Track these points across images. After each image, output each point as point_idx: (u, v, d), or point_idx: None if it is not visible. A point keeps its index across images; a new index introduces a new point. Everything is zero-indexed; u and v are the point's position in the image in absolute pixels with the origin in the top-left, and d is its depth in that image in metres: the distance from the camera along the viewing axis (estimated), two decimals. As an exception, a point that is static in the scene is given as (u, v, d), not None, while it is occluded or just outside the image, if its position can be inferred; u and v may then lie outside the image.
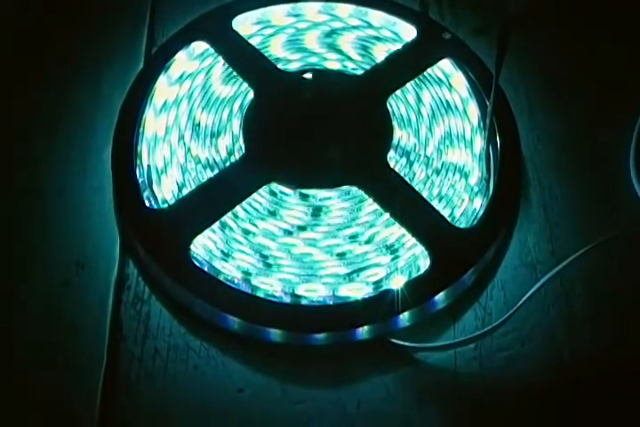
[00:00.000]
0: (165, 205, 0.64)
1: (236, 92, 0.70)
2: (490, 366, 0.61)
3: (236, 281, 0.62)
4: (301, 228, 0.64)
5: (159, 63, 0.70)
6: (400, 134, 0.67)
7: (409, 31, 0.72)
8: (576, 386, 0.61)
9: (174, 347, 0.61)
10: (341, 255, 0.63)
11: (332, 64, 0.72)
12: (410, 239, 0.63)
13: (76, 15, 0.75)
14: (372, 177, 0.65)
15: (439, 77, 0.71)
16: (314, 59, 0.72)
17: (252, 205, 0.64)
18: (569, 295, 0.63)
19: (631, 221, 0.65)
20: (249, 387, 0.60)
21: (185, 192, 0.65)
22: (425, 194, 0.65)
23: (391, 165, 0.65)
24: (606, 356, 0.61)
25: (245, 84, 0.69)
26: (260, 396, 0.60)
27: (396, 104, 0.69)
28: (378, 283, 0.62)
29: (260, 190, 0.64)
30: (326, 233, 0.64)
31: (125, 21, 0.75)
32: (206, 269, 0.62)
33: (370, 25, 0.74)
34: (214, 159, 0.67)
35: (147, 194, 0.65)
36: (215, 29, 0.72)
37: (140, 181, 0.65)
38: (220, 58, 0.70)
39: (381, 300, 0.61)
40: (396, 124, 0.68)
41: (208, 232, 0.63)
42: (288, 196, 0.65)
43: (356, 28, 0.73)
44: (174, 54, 0.71)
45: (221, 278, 0.62)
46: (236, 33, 0.71)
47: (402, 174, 0.65)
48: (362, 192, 0.64)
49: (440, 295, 0.61)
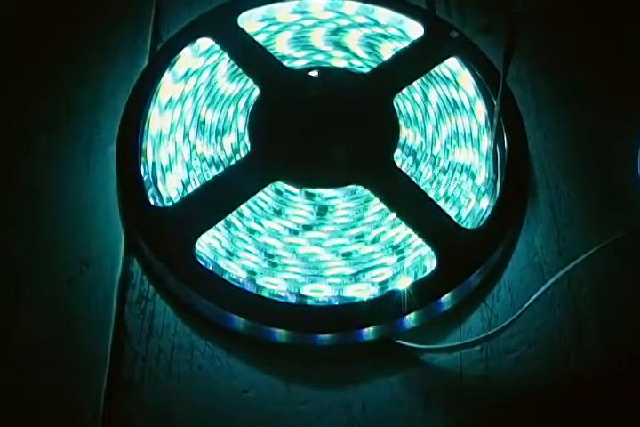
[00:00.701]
0: (170, 204, 0.64)
1: (242, 90, 0.69)
2: (496, 367, 0.61)
3: (241, 280, 0.61)
4: (307, 227, 0.64)
5: (164, 60, 0.70)
6: (406, 133, 0.67)
7: (416, 29, 0.72)
8: (582, 388, 0.60)
9: (178, 346, 0.61)
10: (347, 255, 0.63)
11: (339, 62, 0.71)
12: (416, 240, 0.63)
13: (81, 11, 0.74)
14: (379, 176, 0.65)
15: (446, 76, 0.70)
16: (320, 56, 0.71)
17: (257, 204, 0.64)
18: (576, 297, 0.63)
19: (639, 222, 0.65)
20: (254, 387, 0.60)
21: (190, 190, 0.64)
22: (431, 194, 0.64)
23: (397, 165, 0.65)
24: (613, 358, 0.61)
25: (251, 82, 0.69)
26: (265, 396, 0.60)
27: (402, 103, 0.69)
28: (384, 283, 0.62)
29: (266, 189, 0.64)
30: (332, 233, 0.63)
31: (130, 18, 0.74)
32: (211, 268, 0.61)
33: (376, 23, 0.73)
34: (219, 157, 0.66)
35: (151, 192, 0.64)
36: (220, 26, 0.71)
37: (145, 178, 0.65)
38: (226, 55, 0.70)
39: (387, 301, 0.60)
40: (402, 123, 0.67)
41: (213, 231, 0.63)
42: (294, 195, 0.64)
43: (362, 25, 0.73)
44: (179, 51, 0.70)
45: (226, 278, 0.61)
46: (242, 30, 0.71)
47: (408, 174, 0.65)
48: (368, 192, 0.64)
49: (446, 296, 0.61)
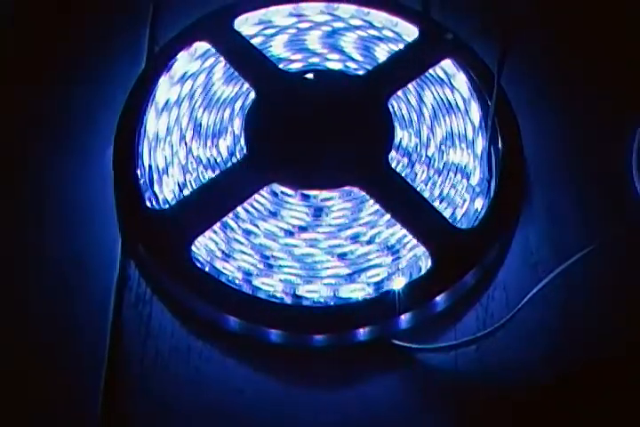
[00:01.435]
0: (167, 206, 0.64)
1: (238, 93, 0.69)
2: (491, 367, 0.61)
3: (238, 282, 0.62)
4: (303, 228, 0.64)
5: (161, 63, 0.70)
6: (401, 135, 0.67)
7: (411, 31, 0.72)
8: (578, 388, 0.60)
9: (175, 348, 0.62)
10: (343, 256, 0.63)
11: (334, 64, 0.71)
12: (411, 240, 0.63)
13: (78, 15, 0.75)
14: (374, 178, 0.65)
15: (441, 77, 0.70)
16: (315, 59, 0.72)
17: (253, 206, 0.64)
18: (571, 296, 0.63)
19: (633, 222, 0.65)
20: (250, 388, 0.60)
21: (186, 193, 0.65)
22: (426, 194, 0.64)
23: (392, 166, 0.65)
24: (609, 357, 0.61)
25: (247, 85, 0.69)
26: (262, 397, 0.60)
27: (397, 104, 0.69)
28: (379, 284, 0.62)
29: (262, 191, 0.64)
30: (328, 234, 0.64)
31: (127, 21, 0.75)
32: (207, 270, 0.62)
33: (372, 25, 0.73)
34: (215, 160, 0.67)
35: (148, 194, 0.65)
36: (217, 29, 0.72)
37: (142, 181, 0.65)
38: (222, 58, 0.70)
39: (383, 301, 0.61)
40: (397, 125, 0.67)
41: (209, 233, 0.63)
42: (289, 196, 0.65)
43: (357, 28, 0.73)
44: (176, 54, 0.71)
45: (223, 279, 0.61)
46: (238, 33, 0.71)
47: (403, 175, 0.65)
48: (363, 193, 0.64)
49: (441, 296, 0.61)
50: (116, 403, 0.60)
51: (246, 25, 0.72)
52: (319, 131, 0.67)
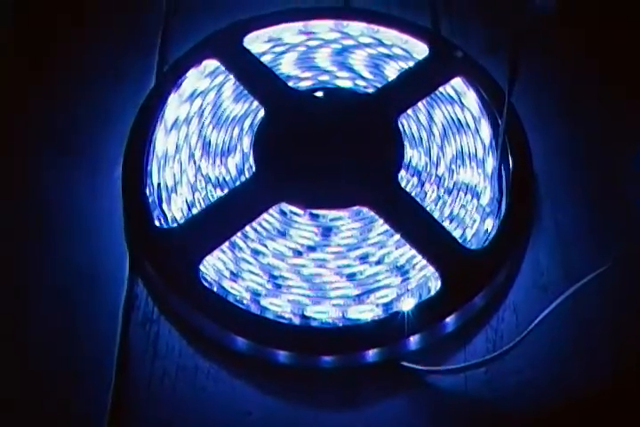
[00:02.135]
0: (175, 225, 0.64)
1: (247, 111, 0.69)
2: (501, 389, 0.60)
3: (246, 302, 0.61)
4: (311, 248, 0.64)
5: (170, 81, 0.71)
6: (411, 153, 0.67)
7: (420, 49, 0.72)
8: (588, 411, 0.60)
9: (183, 368, 0.61)
10: (351, 276, 0.63)
11: (344, 82, 0.71)
12: (420, 261, 0.62)
13: (88, 32, 0.75)
14: (383, 197, 0.64)
15: (451, 96, 0.70)
16: (325, 77, 0.72)
17: (262, 225, 0.64)
18: (582, 318, 0.62)
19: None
20: (258, 409, 0.60)
21: (195, 211, 0.65)
22: (436, 214, 0.64)
23: (402, 185, 0.65)
24: (620, 381, 0.60)
25: (256, 103, 0.69)
26: (269, 418, 0.60)
27: (407, 123, 0.69)
28: (388, 305, 0.61)
29: (271, 210, 0.64)
30: (336, 254, 0.63)
31: (137, 39, 0.75)
32: (215, 290, 0.61)
33: (381, 43, 0.73)
34: (224, 178, 0.66)
35: (156, 213, 0.65)
36: (226, 47, 0.72)
37: (150, 199, 0.65)
38: (231, 76, 0.70)
39: (391, 322, 0.60)
40: (407, 144, 0.67)
41: (218, 252, 0.63)
42: (298, 216, 0.64)
43: (367, 45, 0.73)
44: (185, 72, 0.71)
45: (230, 299, 0.61)
46: (248, 51, 0.71)
47: (413, 194, 0.65)
48: (372, 213, 0.64)
49: (451, 317, 0.61)
50: (122, 422, 0.59)
51: (256, 43, 0.73)
52: (328, 150, 0.67)
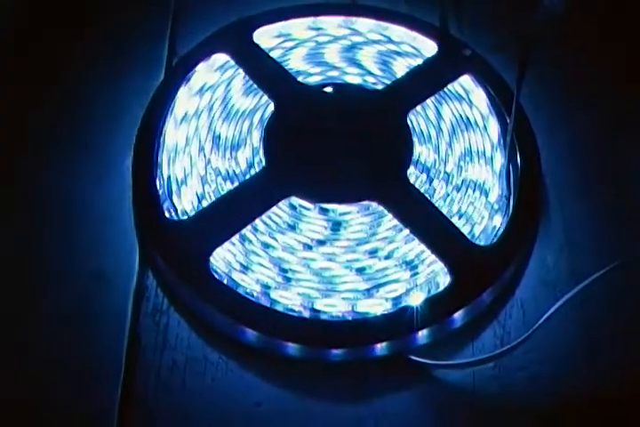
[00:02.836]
0: (185, 217, 0.64)
1: (257, 105, 0.70)
2: (508, 384, 0.61)
3: (255, 294, 0.62)
4: (321, 242, 0.64)
5: (180, 75, 0.71)
6: (420, 150, 0.68)
7: (429, 47, 0.72)
8: (595, 407, 0.60)
9: (192, 359, 0.61)
10: (361, 270, 0.63)
11: (353, 78, 0.72)
12: (429, 256, 0.63)
13: (98, 27, 0.75)
14: (392, 193, 0.65)
15: (459, 93, 0.71)
16: (334, 72, 0.72)
17: (271, 219, 0.64)
18: (589, 315, 0.63)
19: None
20: (267, 401, 0.60)
21: (205, 204, 0.65)
22: (445, 210, 0.65)
23: (411, 181, 0.65)
24: (626, 377, 0.61)
25: (266, 97, 0.69)
26: (278, 410, 0.60)
27: (416, 119, 0.69)
28: (397, 299, 0.62)
29: (280, 204, 0.64)
30: (346, 248, 0.64)
31: (147, 33, 0.75)
32: (225, 282, 0.62)
33: (390, 40, 0.74)
34: (234, 171, 0.67)
35: (167, 205, 0.65)
36: (236, 42, 0.72)
37: (160, 191, 0.65)
38: (241, 70, 0.71)
39: (400, 316, 0.61)
40: (415, 140, 0.68)
41: (228, 245, 0.63)
42: (308, 210, 0.65)
43: (376, 42, 0.74)
44: (195, 66, 0.71)
45: (240, 291, 0.61)
46: (257, 46, 0.71)
47: (422, 190, 0.65)
48: (382, 208, 0.64)
49: (459, 313, 0.61)
50: (132, 413, 0.59)
51: (265, 37, 0.73)
52: (338, 144, 0.67)
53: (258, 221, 0.64)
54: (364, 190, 0.65)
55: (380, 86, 0.71)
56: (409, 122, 0.68)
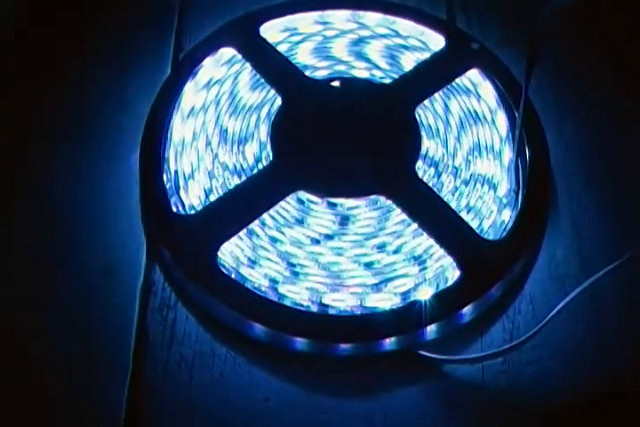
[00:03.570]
0: (193, 211, 0.64)
1: (264, 99, 0.69)
2: (518, 380, 0.61)
3: (263, 289, 0.62)
4: (329, 236, 0.64)
5: (187, 69, 0.70)
6: (428, 144, 0.67)
7: (437, 40, 0.72)
8: (604, 402, 0.60)
9: (200, 354, 0.61)
10: (369, 265, 0.63)
11: (360, 72, 0.71)
12: (438, 250, 0.63)
13: (105, 21, 0.75)
14: (401, 187, 0.65)
15: (467, 87, 0.70)
16: (342, 67, 0.72)
17: (279, 213, 0.64)
18: (598, 310, 0.63)
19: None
20: (275, 396, 0.60)
21: (212, 198, 0.65)
22: (453, 205, 0.64)
23: (419, 176, 0.65)
24: (636, 371, 0.61)
25: (273, 91, 0.69)
26: (286, 405, 0.60)
27: (424, 114, 0.69)
28: (405, 294, 0.61)
29: (288, 198, 0.64)
30: (354, 242, 0.63)
31: (153, 27, 0.75)
32: (233, 277, 0.62)
33: (398, 34, 0.73)
34: (241, 166, 0.66)
35: (174, 199, 0.65)
36: (243, 36, 0.72)
37: (168, 186, 0.65)
38: (248, 64, 0.70)
39: (409, 311, 0.60)
40: (424, 134, 0.67)
41: (235, 239, 0.63)
42: (316, 204, 0.65)
43: (383, 36, 0.73)
44: (202, 60, 0.71)
45: (248, 286, 0.61)
46: (264, 40, 0.71)
47: (430, 185, 0.65)
48: (390, 202, 0.64)
49: (468, 308, 0.61)
50: (139, 407, 0.59)
51: (272, 31, 0.73)
52: (345, 139, 0.67)
53: (265, 215, 0.64)
54: (372, 185, 0.65)
55: (388, 80, 0.70)
56: (417, 116, 0.68)
